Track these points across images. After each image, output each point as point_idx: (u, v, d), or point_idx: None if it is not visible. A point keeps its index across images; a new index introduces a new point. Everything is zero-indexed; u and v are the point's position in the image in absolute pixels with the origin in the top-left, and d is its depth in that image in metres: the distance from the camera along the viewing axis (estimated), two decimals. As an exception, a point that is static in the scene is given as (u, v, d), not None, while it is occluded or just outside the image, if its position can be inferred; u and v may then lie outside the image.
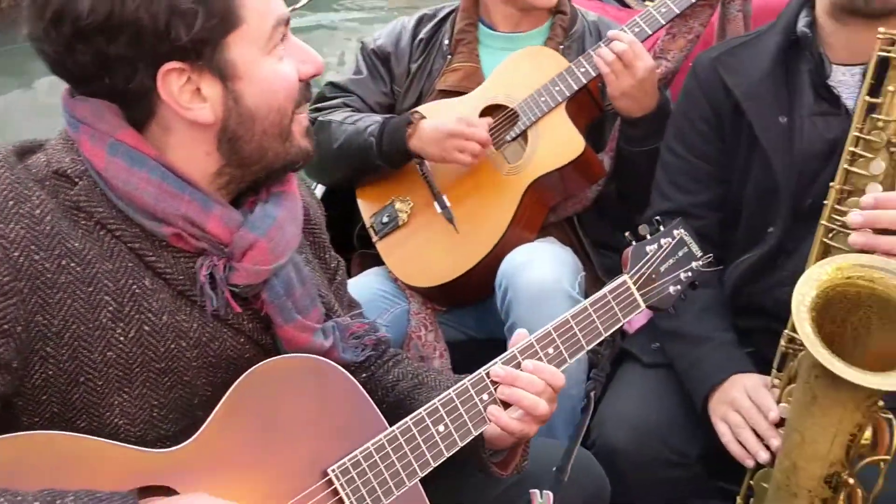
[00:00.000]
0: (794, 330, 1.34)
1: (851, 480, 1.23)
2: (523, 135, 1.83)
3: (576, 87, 1.79)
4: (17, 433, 0.92)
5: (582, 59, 1.80)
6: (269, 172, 1.06)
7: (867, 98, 1.28)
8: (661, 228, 1.25)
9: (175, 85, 0.95)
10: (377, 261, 1.92)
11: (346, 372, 1.09)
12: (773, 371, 1.40)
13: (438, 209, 1.83)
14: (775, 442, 1.34)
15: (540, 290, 1.61)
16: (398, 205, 1.87)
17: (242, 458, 1.01)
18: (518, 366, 1.13)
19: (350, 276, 1.91)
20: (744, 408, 1.39)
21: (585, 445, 1.56)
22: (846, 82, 1.46)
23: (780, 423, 1.36)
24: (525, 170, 1.80)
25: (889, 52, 1.25)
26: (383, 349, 1.30)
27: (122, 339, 0.97)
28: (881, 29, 1.26)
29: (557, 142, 1.78)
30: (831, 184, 1.30)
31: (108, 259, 0.97)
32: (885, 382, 1.11)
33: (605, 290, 1.20)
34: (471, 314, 1.91)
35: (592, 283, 1.80)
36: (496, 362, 1.14)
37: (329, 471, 1.04)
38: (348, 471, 1.04)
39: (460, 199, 1.83)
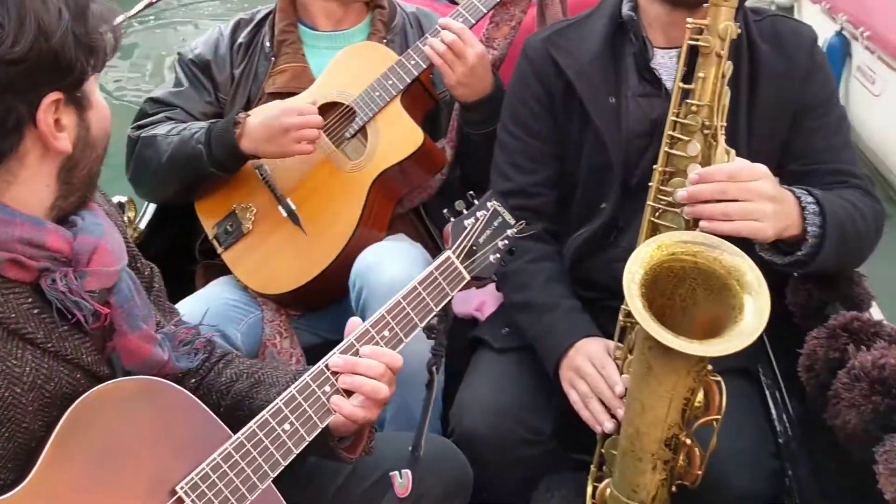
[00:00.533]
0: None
1: (689, 441, 1.32)
2: (362, 131, 1.83)
3: (408, 80, 1.80)
4: None
5: (411, 52, 1.81)
6: (85, 198, 1.04)
7: (681, 84, 1.36)
8: (476, 202, 1.31)
9: (50, 115, 0.94)
10: (222, 271, 1.86)
11: (180, 387, 1.08)
12: (615, 343, 1.48)
13: (283, 213, 1.79)
14: (620, 411, 1.41)
15: (392, 288, 1.62)
16: (240, 212, 1.82)
17: (82, 492, 0.97)
18: (356, 353, 1.15)
19: (196, 288, 1.86)
20: (589, 376, 1.46)
21: (445, 434, 1.60)
22: (666, 65, 1.55)
23: (622, 396, 1.44)
24: (367, 166, 1.79)
25: (698, 40, 1.33)
26: (210, 350, 1.28)
27: None
28: (689, 19, 1.34)
29: (396, 135, 1.79)
30: (655, 166, 1.38)
31: None
32: (710, 349, 1.20)
33: (432, 267, 1.25)
34: (325, 317, 1.88)
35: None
36: (334, 353, 1.15)
37: (178, 489, 1.02)
38: (197, 485, 1.02)
39: (305, 200, 1.80)
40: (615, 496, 1.38)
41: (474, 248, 1.28)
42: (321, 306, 1.87)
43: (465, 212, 1.30)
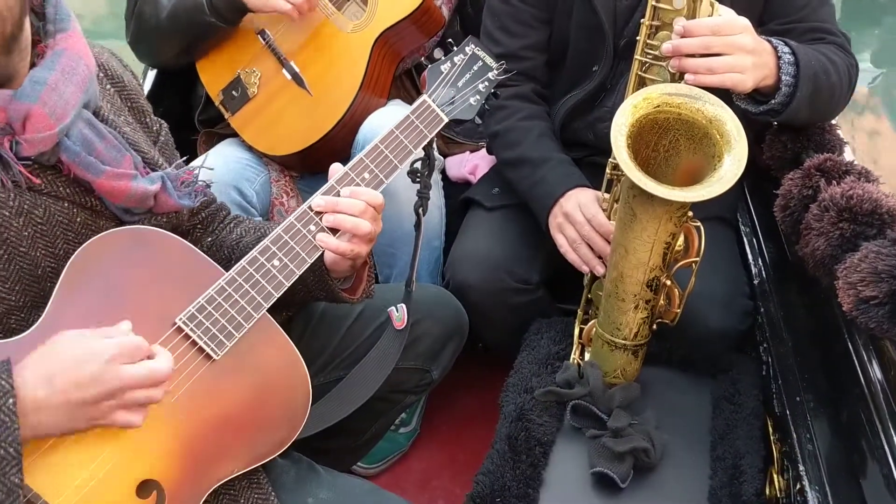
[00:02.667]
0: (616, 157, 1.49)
1: (669, 282, 1.42)
2: None
3: None
4: None
5: None
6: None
7: (665, -63, 1.36)
8: (454, 48, 1.35)
9: None
10: (222, 139, 1.90)
11: (171, 234, 1.14)
12: (602, 194, 1.56)
13: (287, 76, 1.80)
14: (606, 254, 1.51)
15: None
16: (245, 77, 1.83)
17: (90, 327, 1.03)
18: (338, 195, 1.20)
19: (197, 154, 1.89)
20: (578, 223, 1.55)
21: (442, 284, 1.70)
22: None
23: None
24: (368, 26, 1.80)
25: None
26: (224, 214, 1.35)
27: None
28: None
29: None
30: (641, 20, 1.40)
31: None
32: (690, 195, 1.27)
33: (408, 111, 1.28)
34: (326, 180, 1.93)
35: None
36: (316, 195, 1.20)
37: (177, 320, 1.09)
38: (195, 316, 1.10)
39: (308, 63, 1.81)
40: (600, 334, 1.49)
41: (453, 91, 1.31)
42: (324, 169, 1.89)
43: (443, 57, 1.33)
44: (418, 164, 1.30)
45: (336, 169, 1.23)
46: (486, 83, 1.34)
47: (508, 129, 1.68)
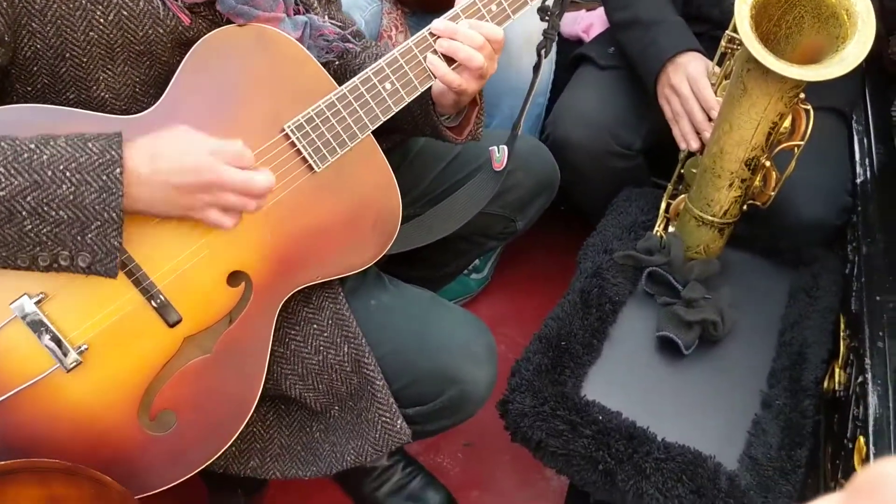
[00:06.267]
0: (734, 30, 1.44)
1: (768, 164, 1.41)
2: None
3: None
4: None
5: None
6: None
7: None
8: None
9: None
10: None
11: (292, 38, 1.14)
12: (713, 65, 1.52)
13: None
14: (707, 133, 1.49)
15: None
16: None
17: (204, 119, 1.08)
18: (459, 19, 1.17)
19: None
20: (683, 96, 1.53)
21: (540, 140, 1.71)
22: None
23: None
24: None
25: None
26: (353, 57, 1.34)
27: (101, 20, 1.03)
28: None
29: None
30: None
31: None
32: (807, 73, 1.24)
33: None
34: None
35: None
36: (437, 21, 1.17)
37: (285, 127, 1.12)
38: (302, 126, 1.13)
39: None
40: (689, 208, 1.50)
41: None
42: (436, 8, 1.83)
43: None
44: (550, 2, 1.24)
45: None
46: None
47: None
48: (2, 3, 0.98)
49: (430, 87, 1.21)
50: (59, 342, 1.05)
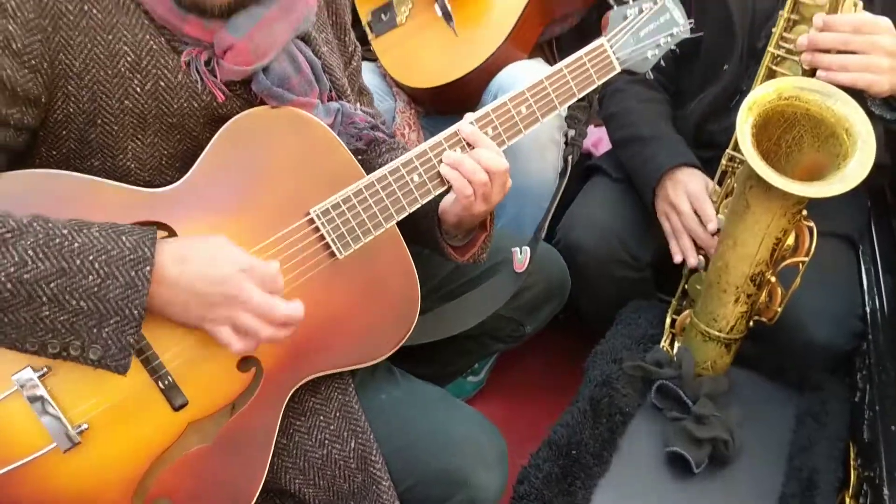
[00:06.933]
0: (735, 149, 1.51)
1: (773, 279, 1.43)
2: None
3: None
4: (18, 171, 1.01)
5: None
6: None
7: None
8: None
9: None
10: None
11: (324, 124, 1.16)
12: (714, 185, 1.57)
13: (438, 11, 1.85)
14: (710, 250, 1.52)
15: None
16: (398, 4, 1.88)
17: (230, 198, 1.09)
18: (489, 122, 1.19)
19: None
20: (683, 213, 1.56)
21: (549, 244, 1.74)
22: None
23: (715, 234, 1.54)
24: None
25: None
26: (382, 149, 1.36)
27: (138, 90, 1.05)
28: None
29: None
30: (780, 12, 1.42)
31: (126, 14, 1.03)
32: (810, 190, 1.28)
33: (582, 52, 1.23)
34: (449, 122, 1.99)
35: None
36: (465, 120, 1.19)
37: (311, 212, 1.12)
38: (329, 212, 1.13)
39: (461, 3, 1.84)
40: (695, 323, 1.51)
41: (632, 40, 1.25)
42: (451, 110, 1.91)
43: (631, 1, 1.26)
44: (578, 110, 1.27)
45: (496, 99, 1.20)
46: (669, 38, 1.27)
47: (624, 110, 1.72)
48: (42, 64, 0.99)
49: (437, 201, 1.22)
50: (58, 419, 1.03)
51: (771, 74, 1.44)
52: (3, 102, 0.99)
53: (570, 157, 1.32)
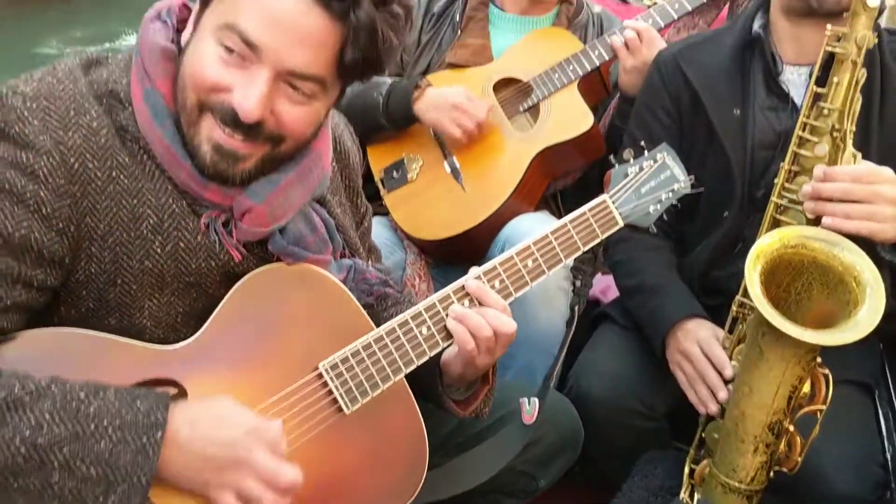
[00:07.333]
0: (744, 295, 1.50)
1: (791, 428, 1.39)
2: (535, 107, 1.96)
3: (589, 68, 1.94)
4: (36, 330, 1.03)
5: (597, 42, 1.94)
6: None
7: (815, 88, 1.42)
8: (646, 153, 1.32)
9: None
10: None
11: (335, 279, 1.18)
12: (724, 333, 1.56)
13: (447, 168, 1.94)
14: (723, 394, 1.49)
15: None
16: (409, 162, 1.98)
17: (240, 355, 1.11)
18: (496, 275, 1.21)
19: None
20: (696, 360, 1.54)
21: (561, 393, 1.71)
22: (794, 81, 1.62)
23: (730, 380, 1.52)
24: (535, 139, 1.92)
25: (835, 47, 1.39)
26: (390, 303, 1.37)
27: (159, 251, 1.07)
28: (829, 26, 1.41)
29: (568, 116, 1.91)
30: (781, 164, 1.46)
31: (150, 179, 1.07)
32: (823, 338, 1.27)
33: (585, 208, 1.27)
34: (459, 272, 2.02)
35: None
36: (471, 275, 1.22)
37: (320, 366, 1.13)
38: (337, 366, 1.13)
39: (469, 161, 1.94)
40: (714, 474, 1.46)
41: (634, 196, 1.29)
42: (459, 262, 1.92)
43: (631, 160, 1.31)
44: (583, 262, 1.29)
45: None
46: (670, 194, 1.31)
47: (630, 258, 1.73)
48: (69, 227, 1.01)
49: (440, 353, 1.22)
50: None
51: (775, 223, 1.46)
52: (28, 264, 1.01)
53: (576, 307, 1.34)
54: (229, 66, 1.01)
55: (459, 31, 2.05)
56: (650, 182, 1.31)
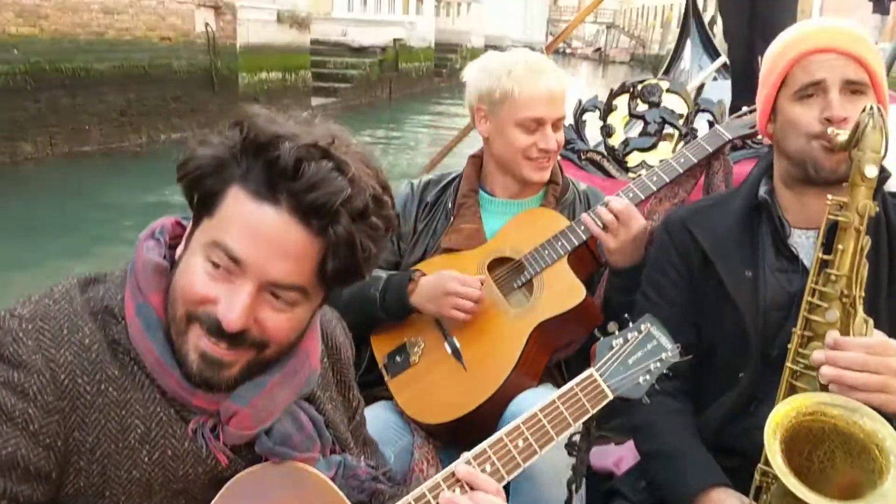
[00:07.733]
0: (766, 463, 1.45)
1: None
2: (528, 284, 2.00)
3: (576, 243, 1.99)
4: None
5: (583, 219, 2.00)
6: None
7: (821, 255, 1.45)
8: (630, 325, 1.33)
9: None
10: (375, 399, 2.02)
11: (324, 476, 1.18)
12: (750, 501, 1.50)
13: (448, 349, 1.96)
14: None
15: None
16: (410, 346, 2.00)
17: None
18: (485, 459, 1.21)
19: None
20: None
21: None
22: (803, 244, 1.64)
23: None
24: (530, 314, 1.95)
25: (838, 216, 1.42)
26: (378, 497, 1.34)
27: (146, 460, 1.09)
28: (830, 196, 1.44)
29: (560, 290, 1.95)
30: (794, 329, 1.45)
31: (139, 389, 1.10)
32: (850, 510, 1.22)
33: (573, 383, 1.28)
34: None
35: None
36: (462, 460, 1.21)
37: None
38: None
39: (469, 340, 1.96)
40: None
41: (622, 368, 1.29)
42: (468, 441, 1.92)
43: (616, 332, 1.32)
44: (577, 438, 1.28)
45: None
46: (659, 364, 1.32)
47: (649, 422, 1.69)
48: (56, 441, 1.03)
49: None
50: None
51: (792, 389, 1.44)
52: (14, 480, 1.01)
53: (573, 486, 1.31)
54: (216, 280, 1.06)
55: (452, 218, 2.13)
56: (637, 353, 1.32)
